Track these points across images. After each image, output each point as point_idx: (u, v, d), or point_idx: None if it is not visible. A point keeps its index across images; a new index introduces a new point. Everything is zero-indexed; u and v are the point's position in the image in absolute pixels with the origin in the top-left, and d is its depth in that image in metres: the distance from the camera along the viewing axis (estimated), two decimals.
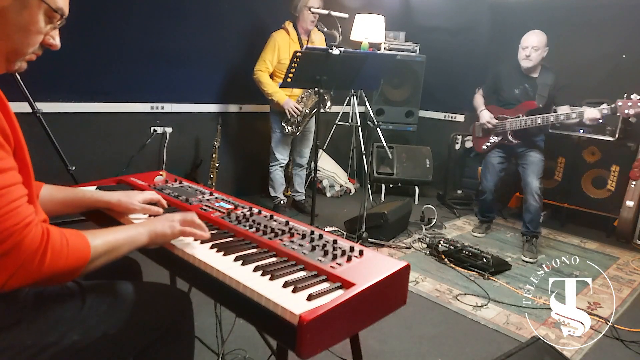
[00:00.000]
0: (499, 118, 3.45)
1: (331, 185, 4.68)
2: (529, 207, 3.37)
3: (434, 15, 5.12)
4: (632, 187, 3.72)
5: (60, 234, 0.93)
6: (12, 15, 0.90)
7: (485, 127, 3.51)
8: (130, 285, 1.19)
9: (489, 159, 3.59)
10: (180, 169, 3.78)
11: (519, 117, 3.32)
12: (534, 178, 3.34)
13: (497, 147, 3.54)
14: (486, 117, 3.48)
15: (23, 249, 0.86)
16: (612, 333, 2.36)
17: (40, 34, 0.95)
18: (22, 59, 0.97)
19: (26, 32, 0.93)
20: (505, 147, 3.51)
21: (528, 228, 3.39)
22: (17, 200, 0.88)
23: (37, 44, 0.96)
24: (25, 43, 0.94)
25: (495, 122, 3.45)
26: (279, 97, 3.55)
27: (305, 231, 1.28)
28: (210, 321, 1.79)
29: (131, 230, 1.10)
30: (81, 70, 3.16)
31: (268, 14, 4.01)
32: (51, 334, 1.00)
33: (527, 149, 3.43)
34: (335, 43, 3.26)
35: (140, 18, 3.38)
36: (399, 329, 2.30)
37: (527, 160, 3.41)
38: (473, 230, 3.82)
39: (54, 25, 0.98)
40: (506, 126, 3.39)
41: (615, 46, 3.99)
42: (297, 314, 0.87)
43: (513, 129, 3.36)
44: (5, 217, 0.85)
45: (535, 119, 3.23)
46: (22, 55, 0.96)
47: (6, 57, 0.94)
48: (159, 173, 1.78)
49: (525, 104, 3.32)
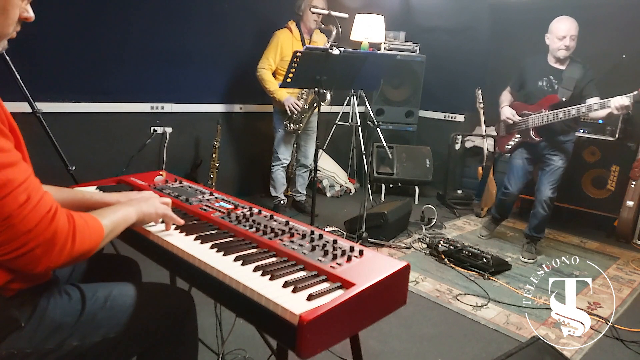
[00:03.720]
0: (523, 115, 3.20)
1: (331, 185, 4.68)
2: (536, 213, 3.29)
3: (434, 15, 5.12)
4: (632, 187, 3.72)
5: (79, 217, 0.98)
6: None
7: (507, 122, 3.28)
8: (130, 286, 1.18)
9: (513, 161, 3.35)
10: (180, 169, 3.78)
11: (541, 112, 3.08)
12: (547, 187, 3.19)
13: (521, 147, 3.30)
14: (507, 113, 3.25)
15: (59, 234, 0.91)
16: (612, 333, 2.36)
17: (16, 9, 0.93)
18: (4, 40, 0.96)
19: (5, 13, 0.91)
20: (530, 148, 3.27)
21: (531, 232, 3.33)
22: (39, 189, 0.92)
23: (15, 21, 0.95)
24: (6, 24, 0.93)
25: (517, 119, 3.22)
26: (280, 95, 3.56)
27: (305, 231, 1.28)
28: (210, 321, 1.79)
29: (123, 210, 1.16)
30: (81, 70, 3.16)
31: (268, 14, 4.02)
32: (51, 341, 1.00)
33: (553, 150, 3.18)
34: (332, 38, 3.27)
35: (140, 18, 3.38)
36: (399, 329, 2.30)
37: (548, 165, 3.20)
38: (480, 230, 3.73)
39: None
40: (528, 122, 3.15)
41: (615, 46, 3.99)
42: (297, 314, 0.87)
43: (535, 126, 3.12)
44: (37, 207, 0.89)
45: (556, 113, 2.99)
46: (5, 37, 0.95)
47: None
48: (159, 173, 1.78)
49: (547, 98, 3.07)
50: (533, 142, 3.19)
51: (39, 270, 0.92)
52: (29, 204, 0.88)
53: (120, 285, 1.18)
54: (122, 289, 1.16)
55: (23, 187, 0.88)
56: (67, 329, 1.03)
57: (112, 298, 1.12)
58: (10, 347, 0.96)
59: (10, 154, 0.88)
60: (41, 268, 0.91)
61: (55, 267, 0.94)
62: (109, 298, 1.11)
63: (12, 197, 0.85)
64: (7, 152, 0.87)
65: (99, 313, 1.08)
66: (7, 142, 0.88)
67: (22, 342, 0.97)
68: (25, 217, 0.87)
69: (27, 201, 0.88)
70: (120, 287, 1.17)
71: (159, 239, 1.23)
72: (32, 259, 0.89)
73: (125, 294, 1.15)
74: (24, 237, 0.87)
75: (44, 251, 0.90)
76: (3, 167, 0.85)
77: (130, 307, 1.12)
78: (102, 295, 1.12)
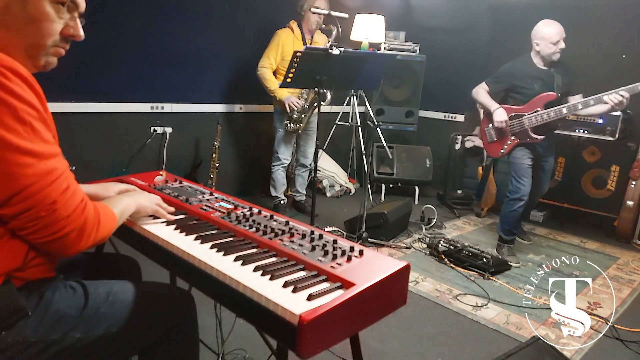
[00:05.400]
0: (512, 117, 3.19)
1: (331, 185, 4.68)
2: (531, 204, 3.52)
3: (434, 15, 5.12)
4: (632, 187, 3.72)
5: (101, 206, 1.08)
6: (16, 9, 0.93)
7: (501, 127, 3.20)
8: (132, 284, 1.19)
9: (520, 161, 3.23)
10: (180, 169, 3.78)
11: (537, 111, 3.09)
12: (546, 183, 3.44)
13: (522, 148, 3.23)
14: (503, 116, 3.17)
15: (89, 221, 1.00)
16: (612, 333, 2.35)
17: (52, 23, 0.97)
18: (45, 53, 1.00)
19: (36, 23, 0.95)
20: (532, 147, 3.24)
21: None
22: (74, 180, 1.00)
23: (54, 35, 0.99)
24: (39, 34, 0.97)
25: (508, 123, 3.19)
26: (280, 94, 3.56)
27: (305, 231, 1.28)
28: (210, 321, 1.79)
29: (124, 201, 1.23)
30: (81, 70, 3.15)
31: (269, 14, 4.01)
32: (55, 332, 1.02)
33: (549, 149, 3.30)
34: (332, 38, 3.28)
35: (140, 18, 3.38)
36: (399, 329, 2.30)
37: (546, 164, 3.34)
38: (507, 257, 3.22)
39: (71, 16, 1.01)
40: (524, 123, 3.14)
41: (615, 46, 3.99)
42: (297, 314, 0.87)
43: (533, 125, 3.11)
44: (74, 196, 0.97)
45: (559, 109, 2.99)
46: (42, 49, 0.99)
47: (27, 54, 0.98)
48: (159, 173, 1.78)
49: (541, 97, 3.08)
50: (535, 142, 3.18)
51: (71, 253, 1.00)
52: (68, 191, 0.96)
53: (121, 283, 1.19)
54: (123, 286, 1.17)
55: (64, 177, 0.96)
56: (71, 320, 1.05)
57: (114, 294, 1.13)
58: (17, 335, 0.98)
59: (54, 145, 0.97)
60: (72, 251, 1.00)
61: (80, 251, 1.02)
62: (111, 294, 1.13)
63: (57, 184, 0.94)
64: (52, 143, 0.95)
65: (102, 307, 1.09)
66: (50, 135, 0.96)
67: (28, 330, 0.99)
68: (66, 203, 0.95)
69: (67, 189, 0.96)
70: (121, 284, 1.18)
71: (159, 239, 1.23)
72: (67, 242, 0.97)
73: (126, 291, 1.16)
74: (63, 222, 0.95)
75: (77, 236, 0.98)
76: (51, 156, 0.94)
77: (131, 303, 1.13)
78: (103, 290, 1.13)
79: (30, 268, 1.02)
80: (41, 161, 0.91)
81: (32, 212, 0.91)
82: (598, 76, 3.89)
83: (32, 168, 0.89)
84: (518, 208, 3.24)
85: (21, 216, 0.91)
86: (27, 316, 0.99)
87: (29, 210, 0.91)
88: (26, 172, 0.89)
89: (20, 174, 0.88)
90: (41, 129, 0.93)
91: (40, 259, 1.03)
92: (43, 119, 0.94)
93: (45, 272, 1.07)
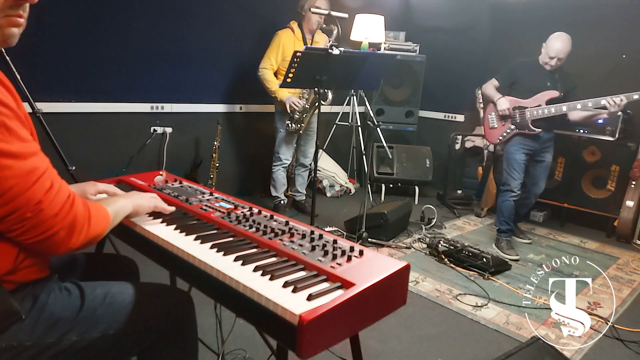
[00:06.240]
0: (516, 108, 3.35)
1: (331, 185, 4.68)
2: (528, 203, 3.59)
3: (434, 15, 5.12)
4: (632, 187, 3.72)
5: (91, 204, 1.05)
6: None
7: (504, 113, 3.38)
8: (129, 285, 1.19)
9: (514, 156, 3.38)
10: (180, 169, 3.78)
11: (539, 105, 3.25)
12: (543, 181, 3.49)
13: (519, 141, 3.37)
14: (506, 104, 3.35)
15: (78, 218, 0.98)
16: (612, 333, 2.36)
17: None
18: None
19: None
20: (528, 142, 3.36)
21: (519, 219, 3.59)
22: (58, 176, 0.97)
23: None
24: None
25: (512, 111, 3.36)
26: (281, 94, 3.56)
27: (305, 231, 1.28)
28: (210, 321, 1.79)
29: (120, 202, 1.22)
30: (81, 70, 3.16)
31: (269, 14, 4.01)
32: (50, 335, 1.01)
33: (546, 146, 3.41)
34: (333, 38, 3.28)
35: (140, 18, 3.38)
36: (399, 329, 2.30)
37: (543, 161, 3.44)
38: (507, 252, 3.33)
39: None
40: (526, 115, 3.29)
41: (615, 46, 3.99)
42: (297, 314, 0.87)
43: (534, 118, 3.27)
44: (60, 193, 0.95)
45: (559, 106, 3.16)
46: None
47: None
48: (159, 173, 1.78)
49: (545, 93, 3.25)
50: (532, 133, 3.32)
51: (62, 252, 0.98)
52: (53, 189, 0.93)
53: (119, 284, 1.18)
54: (121, 287, 1.17)
55: (47, 175, 0.93)
56: (67, 323, 1.04)
57: (111, 295, 1.12)
58: (11, 339, 0.97)
59: (32, 143, 0.93)
60: (63, 249, 0.97)
61: (73, 250, 0.99)
62: (108, 295, 1.12)
63: (40, 183, 0.91)
64: (29, 141, 0.92)
65: (98, 309, 1.08)
66: (27, 133, 0.92)
67: (22, 334, 0.98)
68: (52, 202, 0.92)
69: (52, 187, 0.93)
70: (118, 285, 1.17)
71: (159, 239, 1.23)
72: (57, 241, 0.95)
73: (124, 292, 1.15)
74: (51, 221, 0.93)
75: (66, 234, 0.96)
76: (30, 155, 0.90)
77: (129, 304, 1.12)
78: (100, 292, 1.12)
79: (22, 270, 1.00)
80: (20, 161, 0.88)
81: (18, 214, 0.89)
82: (598, 76, 3.90)
83: (11, 170, 0.86)
84: (510, 198, 3.41)
85: (7, 219, 0.89)
86: (21, 320, 0.98)
87: (14, 212, 0.88)
88: (5, 175, 0.86)
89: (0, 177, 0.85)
90: (17, 128, 0.88)
91: (31, 260, 1.02)
92: (18, 117, 0.90)
93: (38, 272, 1.05)
